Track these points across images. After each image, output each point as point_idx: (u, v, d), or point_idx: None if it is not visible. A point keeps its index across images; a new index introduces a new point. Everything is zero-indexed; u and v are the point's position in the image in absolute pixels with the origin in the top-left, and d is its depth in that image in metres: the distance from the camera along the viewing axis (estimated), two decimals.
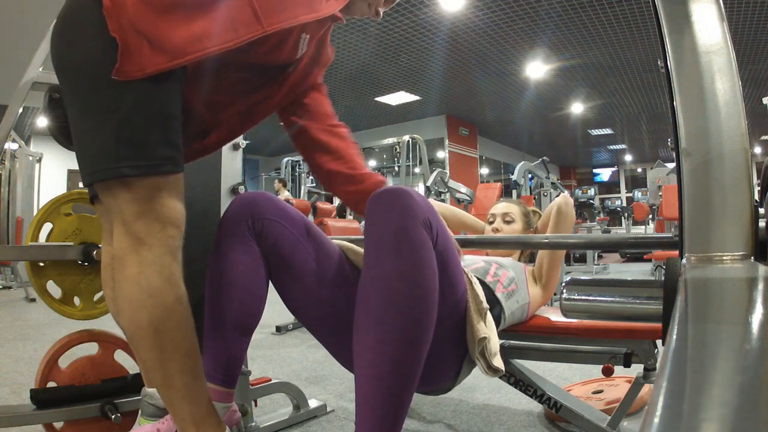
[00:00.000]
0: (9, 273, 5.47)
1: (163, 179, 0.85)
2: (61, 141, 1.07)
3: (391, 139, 6.57)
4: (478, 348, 0.95)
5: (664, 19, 0.72)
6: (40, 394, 1.18)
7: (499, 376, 0.98)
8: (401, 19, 5.36)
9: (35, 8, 3.41)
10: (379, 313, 0.80)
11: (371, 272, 0.83)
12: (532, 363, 1.38)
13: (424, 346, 0.82)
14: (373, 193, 0.86)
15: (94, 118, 0.82)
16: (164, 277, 0.84)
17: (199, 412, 0.87)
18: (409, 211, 0.82)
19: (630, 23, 5.39)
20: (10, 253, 1.75)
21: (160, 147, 0.84)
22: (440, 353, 0.95)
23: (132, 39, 0.79)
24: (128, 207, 0.83)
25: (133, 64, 0.80)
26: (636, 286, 0.79)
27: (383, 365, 0.78)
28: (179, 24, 0.82)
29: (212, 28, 0.84)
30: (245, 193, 1.10)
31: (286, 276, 1.06)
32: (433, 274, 0.84)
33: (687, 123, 0.69)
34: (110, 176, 0.82)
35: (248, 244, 1.02)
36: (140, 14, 0.80)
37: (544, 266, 1.40)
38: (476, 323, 0.96)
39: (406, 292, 0.80)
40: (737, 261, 0.62)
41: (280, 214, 1.06)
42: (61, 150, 1.11)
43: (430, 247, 0.84)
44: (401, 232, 0.81)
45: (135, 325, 0.84)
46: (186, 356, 0.86)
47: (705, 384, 0.25)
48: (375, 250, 0.83)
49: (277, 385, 1.56)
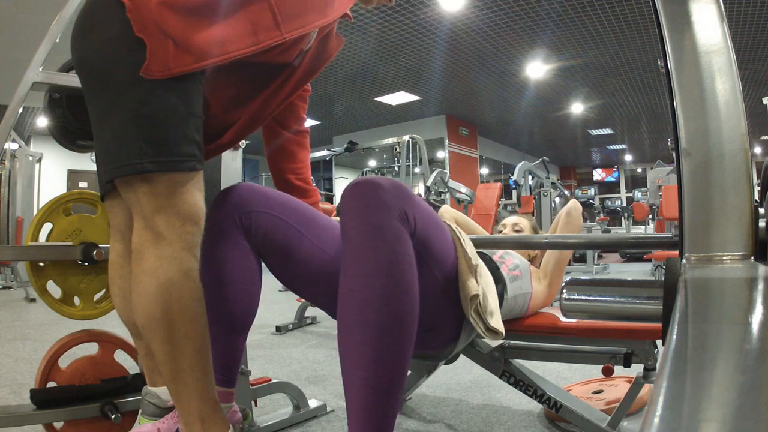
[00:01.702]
0: (9, 273, 5.47)
1: (184, 175, 0.87)
2: (61, 141, 1.07)
3: (391, 139, 6.58)
4: (471, 306, 0.94)
5: (664, 19, 0.72)
6: (40, 394, 1.18)
7: (500, 339, 0.96)
8: (401, 19, 5.36)
9: (35, 8, 3.41)
10: (359, 313, 0.79)
11: (349, 272, 0.81)
12: (532, 363, 1.38)
13: (407, 344, 0.81)
14: (346, 186, 0.86)
15: (118, 116, 0.84)
16: (183, 272, 0.85)
17: (206, 408, 0.88)
18: (382, 206, 0.81)
19: (630, 23, 5.39)
20: (10, 253, 1.75)
21: (182, 144, 0.86)
22: (437, 314, 0.94)
23: (158, 40, 0.82)
24: (149, 202, 0.85)
25: (160, 63, 0.82)
26: (636, 286, 0.79)
27: (368, 366, 0.77)
28: (203, 27, 0.84)
29: (235, 32, 0.87)
30: (226, 188, 1.09)
31: (285, 263, 1.05)
32: (410, 268, 0.82)
33: (687, 123, 0.69)
34: (133, 171, 0.83)
35: (236, 239, 1.02)
36: (165, 17, 0.82)
37: (549, 266, 1.41)
38: (467, 280, 0.95)
39: (385, 290, 0.79)
40: (737, 261, 0.62)
41: (266, 202, 1.05)
42: (61, 150, 1.11)
43: (407, 239, 0.82)
44: (376, 230, 0.80)
45: (150, 318, 0.85)
46: (198, 352, 0.87)
47: (705, 384, 0.25)
48: (351, 249, 0.82)
49: (277, 385, 1.56)
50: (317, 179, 10.04)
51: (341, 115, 9.33)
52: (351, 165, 11.81)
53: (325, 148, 7.48)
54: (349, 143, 6.27)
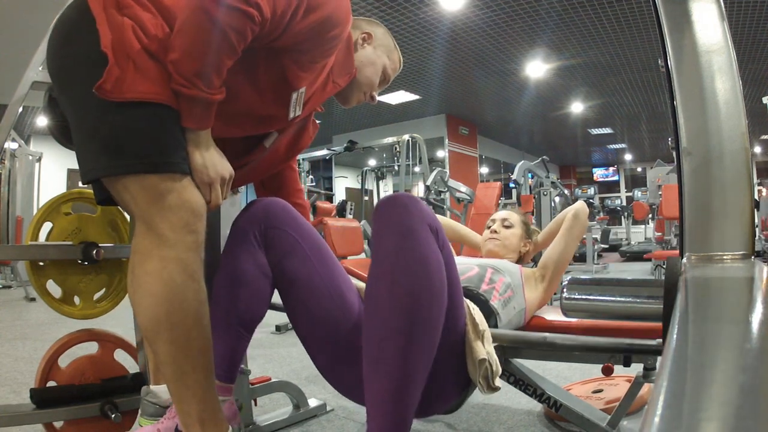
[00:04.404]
0: (9, 272, 5.47)
1: (182, 176, 0.87)
2: (61, 140, 1.07)
3: (390, 139, 6.56)
4: (480, 371, 0.94)
5: (664, 19, 0.72)
6: (40, 394, 1.18)
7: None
8: (401, 18, 5.36)
9: (35, 8, 3.41)
10: (389, 308, 0.80)
11: (381, 268, 0.83)
12: (531, 362, 1.38)
13: (434, 340, 0.83)
14: (383, 197, 0.89)
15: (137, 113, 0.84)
16: (187, 274, 0.86)
17: (205, 410, 0.88)
18: (415, 215, 0.84)
19: (630, 22, 5.38)
20: (10, 253, 1.75)
21: (179, 147, 0.86)
22: (441, 377, 0.95)
23: (120, 59, 0.83)
24: (148, 204, 0.85)
25: (113, 84, 0.82)
26: (636, 286, 0.79)
27: (392, 361, 0.79)
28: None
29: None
30: (261, 198, 1.10)
31: (289, 289, 1.05)
32: (439, 268, 0.84)
33: (687, 122, 0.69)
34: (129, 171, 0.84)
35: (256, 248, 1.03)
36: (133, 40, 0.84)
37: (549, 270, 1.39)
38: (474, 344, 0.96)
39: (416, 288, 0.81)
40: (737, 260, 0.62)
41: (295, 226, 1.06)
42: (61, 149, 1.11)
43: (436, 246, 0.85)
44: (408, 231, 0.83)
45: (153, 319, 0.85)
46: (200, 353, 0.88)
47: (705, 383, 0.25)
48: (383, 247, 0.84)
49: (277, 384, 1.56)
50: (317, 179, 10.03)
51: (341, 114, 9.31)
52: (351, 164, 11.79)
53: (324, 148, 7.47)
54: (348, 142, 6.26)
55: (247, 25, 0.84)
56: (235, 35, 0.83)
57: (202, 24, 0.82)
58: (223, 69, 0.86)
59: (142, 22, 0.84)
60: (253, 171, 1.15)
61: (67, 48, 0.87)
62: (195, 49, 0.83)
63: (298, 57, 0.97)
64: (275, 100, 1.02)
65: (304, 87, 1.03)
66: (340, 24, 0.98)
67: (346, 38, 1.08)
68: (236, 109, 0.98)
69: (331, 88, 1.11)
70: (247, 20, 0.83)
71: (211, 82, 0.85)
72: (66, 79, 0.88)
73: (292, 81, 0.99)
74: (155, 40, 0.84)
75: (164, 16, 0.87)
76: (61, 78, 0.89)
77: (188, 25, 0.83)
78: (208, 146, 0.91)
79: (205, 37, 0.82)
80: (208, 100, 0.86)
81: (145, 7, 0.86)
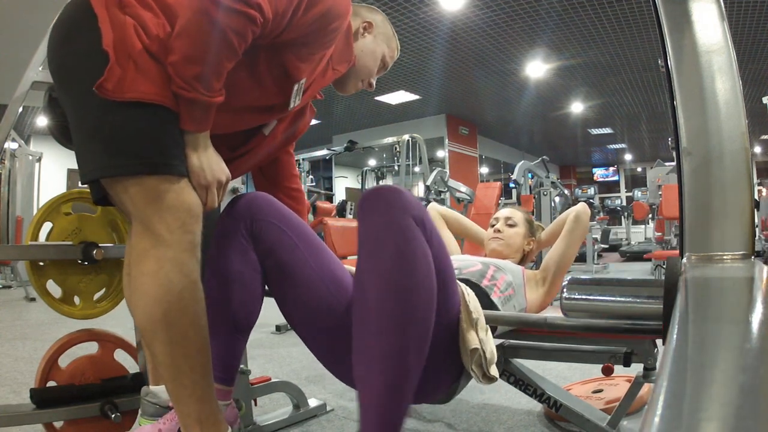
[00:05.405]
0: (9, 272, 5.46)
1: (178, 178, 0.87)
2: (61, 140, 1.07)
3: (390, 139, 6.57)
4: (472, 360, 0.94)
5: (664, 19, 0.72)
6: (40, 394, 1.18)
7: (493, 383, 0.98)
8: (401, 18, 5.35)
9: (35, 8, 3.40)
10: (375, 305, 0.80)
11: (365, 266, 0.82)
12: (532, 363, 1.38)
13: (423, 338, 0.82)
14: (366, 189, 0.87)
15: (138, 114, 0.85)
16: (184, 274, 0.85)
17: (204, 410, 0.88)
18: (400, 207, 0.82)
19: (630, 22, 5.38)
20: (10, 253, 1.75)
21: (178, 149, 0.87)
22: (434, 365, 0.94)
23: (121, 58, 0.83)
24: (145, 204, 0.85)
25: (114, 83, 0.82)
26: (636, 286, 0.79)
27: (384, 359, 0.78)
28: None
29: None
30: (246, 193, 1.10)
31: (281, 281, 1.04)
32: (425, 261, 0.83)
33: (687, 122, 0.69)
34: (129, 172, 0.84)
35: (244, 243, 1.02)
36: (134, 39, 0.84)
37: (551, 272, 1.39)
38: (467, 333, 0.95)
39: (402, 283, 0.80)
40: (737, 260, 0.62)
41: (280, 217, 1.04)
42: (61, 149, 1.11)
43: (422, 239, 0.84)
44: (393, 225, 0.81)
45: (150, 320, 0.85)
46: (198, 354, 0.87)
47: (705, 384, 0.25)
48: (367, 243, 0.83)
49: (277, 384, 1.56)
50: (317, 178, 10.03)
51: (341, 114, 9.31)
52: (351, 164, 11.79)
53: (324, 148, 7.47)
54: (348, 142, 6.26)
55: (248, 28, 0.84)
56: (236, 38, 0.83)
57: (203, 27, 0.82)
58: (224, 72, 0.86)
59: (144, 22, 0.84)
60: (253, 158, 1.14)
61: (68, 46, 0.87)
62: (195, 53, 0.82)
63: (298, 50, 0.97)
64: (277, 92, 1.02)
65: (305, 78, 1.03)
66: (340, 16, 0.98)
67: (346, 27, 1.07)
68: (238, 104, 0.98)
69: (331, 74, 1.11)
70: (248, 22, 0.83)
71: (210, 86, 0.84)
72: (66, 77, 0.88)
73: (293, 73, 0.99)
74: (156, 40, 0.84)
75: (166, 14, 0.87)
76: (61, 76, 0.89)
77: (189, 28, 0.82)
78: (206, 148, 0.91)
79: (206, 41, 0.82)
80: (208, 103, 0.86)
81: (147, 6, 0.86)
